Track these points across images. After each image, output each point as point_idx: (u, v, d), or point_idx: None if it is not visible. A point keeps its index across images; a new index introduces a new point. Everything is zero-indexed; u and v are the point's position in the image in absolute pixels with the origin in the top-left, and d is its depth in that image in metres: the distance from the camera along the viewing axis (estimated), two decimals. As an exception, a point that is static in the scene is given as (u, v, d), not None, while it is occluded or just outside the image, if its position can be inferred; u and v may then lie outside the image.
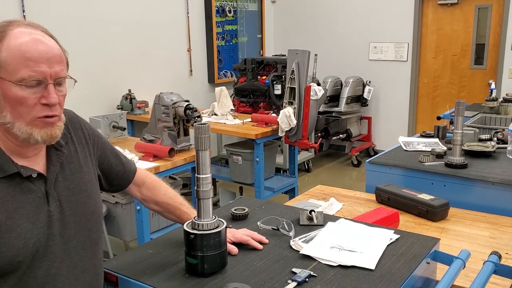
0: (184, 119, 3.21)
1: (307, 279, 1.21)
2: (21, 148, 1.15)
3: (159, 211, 1.52)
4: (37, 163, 1.18)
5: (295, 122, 4.02)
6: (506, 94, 3.93)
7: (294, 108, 4.05)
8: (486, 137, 2.78)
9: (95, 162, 1.35)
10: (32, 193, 1.15)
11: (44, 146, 1.21)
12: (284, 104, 4.16)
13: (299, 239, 1.44)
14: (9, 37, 1.09)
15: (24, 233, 1.11)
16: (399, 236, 1.46)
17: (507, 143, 2.54)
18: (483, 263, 1.34)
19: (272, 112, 5.02)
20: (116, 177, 1.43)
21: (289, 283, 1.19)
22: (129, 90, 4.87)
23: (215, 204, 4.38)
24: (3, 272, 1.10)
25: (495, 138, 2.77)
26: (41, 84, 1.10)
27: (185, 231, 1.25)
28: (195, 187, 1.23)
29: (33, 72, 1.08)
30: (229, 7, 6.14)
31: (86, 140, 1.33)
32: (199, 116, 3.17)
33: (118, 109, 4.78)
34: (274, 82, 5.18)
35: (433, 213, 1.94)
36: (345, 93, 5.99)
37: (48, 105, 1.11)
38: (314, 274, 1.24)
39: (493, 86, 4.09)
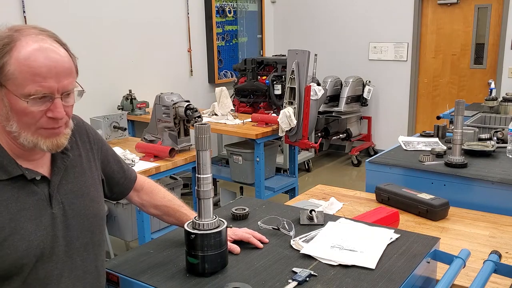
0: (185, 119, 3.21)
1: (307, 279, 1.21)
2: (27, 152, 1.15)
3: (158, 215, 1.51)
4: (41, 166, 1.19)
5: (295, 122, 4.03)
6: (506, 94, 3.93)
7: (294, 108, 4.06)
8: (486, 137, 2.79)
9: (99, 167, 1.35)
10: (35, 196, 1.15)
11: None
12: (284, 104, 4.17)
13: (300, 238, 1.45)
14: (18, 48, 1.06)
15: (27, 235, 1.11)
16: (399, 235, 1.46)
17: (506, 143, 2.55)
18: (483, 262, 1.35)
19: (272, 112, 5.02)
20: (117, 184, 1.43)
21: (289, 283, 1.20)
22: (130, 91, 4.87)
23: (216, 204, 4.38)
24: (7, 274, 1.10)
25: (495, 138, 2.77)
26: (47, 97, 1.09)
27: (186, 231, 1.25)
28: (196, 187, 1.24)
29: (40, 87, 1.06)
30: (229, 8, 6.14)
31: (91, 145, 1.34)
32: (199, 116, 3.17)
33: (119, 109, 4.79)
34: (274, 82, 5.18)
35: (433, 212, 1.95)
36: (345, 93, 5.99)
37: (53, 118, 1.10)
38: (315, 273, 1.24)
39: (492, 85, 4.10)
